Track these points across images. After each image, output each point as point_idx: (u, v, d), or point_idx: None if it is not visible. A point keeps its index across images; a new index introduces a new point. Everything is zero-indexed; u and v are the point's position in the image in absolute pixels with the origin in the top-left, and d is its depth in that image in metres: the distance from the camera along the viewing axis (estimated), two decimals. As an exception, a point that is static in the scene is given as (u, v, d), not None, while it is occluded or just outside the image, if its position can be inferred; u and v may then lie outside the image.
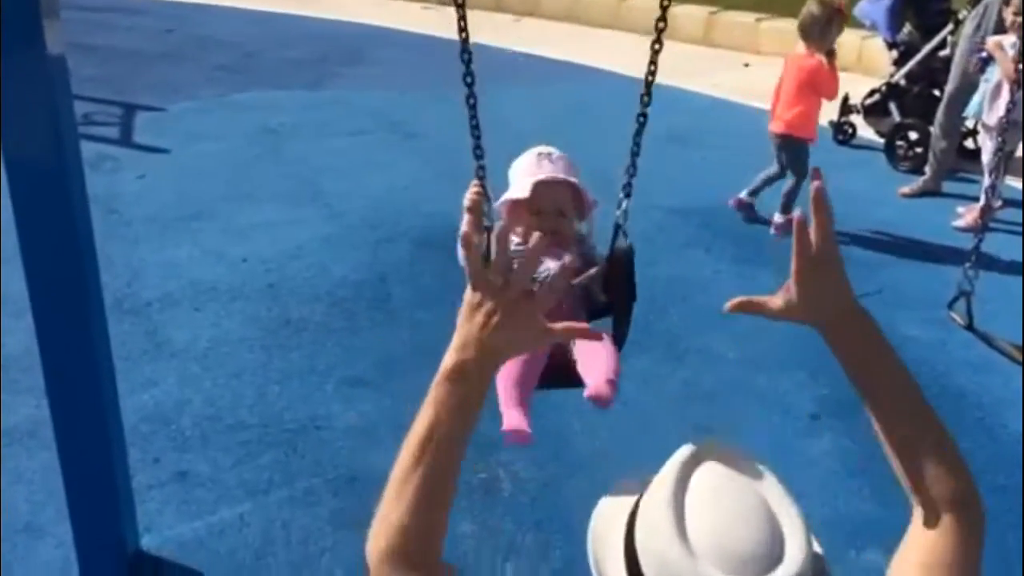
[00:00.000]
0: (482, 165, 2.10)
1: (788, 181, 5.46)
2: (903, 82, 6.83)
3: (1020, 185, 6.26)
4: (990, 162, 4.68)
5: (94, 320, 2.63)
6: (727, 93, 8.25)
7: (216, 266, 4.97)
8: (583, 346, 1.99)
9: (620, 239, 2.09)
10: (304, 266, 5.00)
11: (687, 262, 5.16)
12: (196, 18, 10.75)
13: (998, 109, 5.14)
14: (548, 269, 2.01)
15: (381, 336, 4.34)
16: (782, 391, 4.02)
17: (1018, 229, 5.59)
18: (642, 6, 10.80)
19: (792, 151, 5.43)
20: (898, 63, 6.90)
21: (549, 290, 1.24)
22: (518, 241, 2.04)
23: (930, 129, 6.39)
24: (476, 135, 2.08)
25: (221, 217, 5.59)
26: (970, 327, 3.92)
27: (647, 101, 2.01)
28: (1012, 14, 5.35)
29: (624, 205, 2.09)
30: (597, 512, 1.10)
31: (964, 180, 6.40)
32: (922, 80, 6.77)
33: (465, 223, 2.06)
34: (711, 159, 6.68)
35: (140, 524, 3.01)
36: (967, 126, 6.62)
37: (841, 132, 7.14)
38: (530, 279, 1.14)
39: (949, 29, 6.55)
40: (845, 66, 6.60)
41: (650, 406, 3.76)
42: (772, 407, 3.91)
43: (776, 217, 5.50)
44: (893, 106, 6.87)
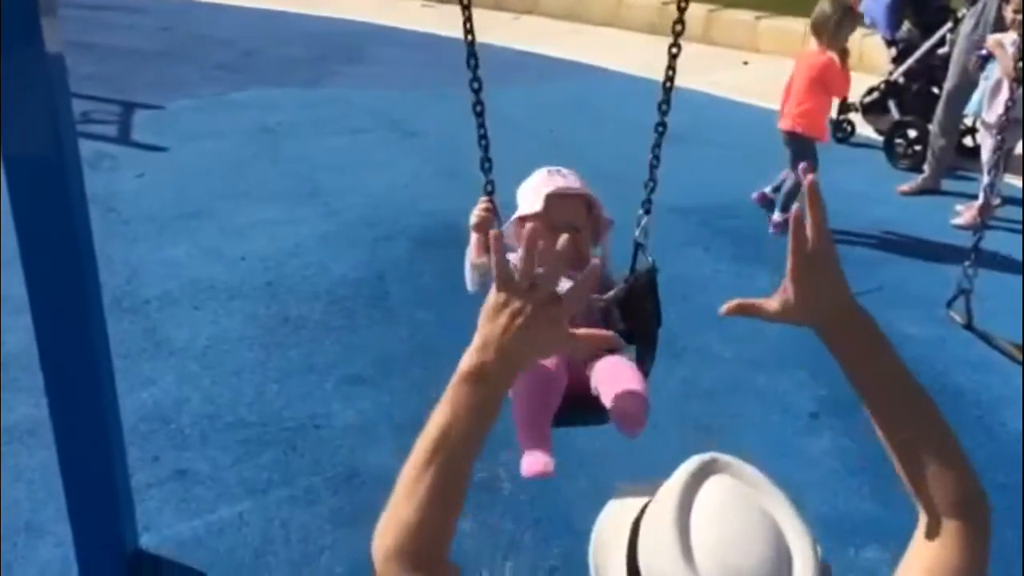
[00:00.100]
0: (491, 180, 1.88)
1: (789, 179, 5.46)
2: (902, 80, 6.84)
3: (1020, 183, 6.26)
4: (989, 160, 4.67)
5: (93, 319, 2.63)
6: (726, 91, 8.25)
7: (215, 264, 4.97)
8: (605, 372, 1.80)
9: (641, 259, 1.92)
10: (303, 264, 4.99)
11: (686, 261, 5.15)
12: (195, 16, 10.74)
13: (998, 107, 5.14)
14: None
15: (380, 334, 4.34)
16: (781, 390, 4.02)
17: (1018, 227, 5.59)
18: (642, 4, 10.81)
19: (799, 149, 5.42)
20: (897, 61, 6.90)
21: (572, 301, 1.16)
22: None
23: (929, 127, 6.40)
24: (484, 145, 1.85)
25: (220, 215, 5.59)
26: (969, 326, 3.92)
27: (666, 109, 1.87)
28: (1012, 12, 5.35)
29: (644, 222, 1.92)
30: (600, 521, 1.07)
31: (963, 178, 6.41)
32: (921, 78, 6.78)
33: (472, 243, 1.89)
34: (710, 157, 6.67)
35: (139, 523, 3.01)
36: (966, 124, 6.63)
37: (840, 130, 7.14)
38: (557, 282, 1.11)
39: (948, 27, 6.55)
40: (844, 64, 6.60)
41: (649, 405, 3.75)
42: (771, 406, 3.91)
43: (775, 216, 5.50)
44: (892, 104, 6.88)
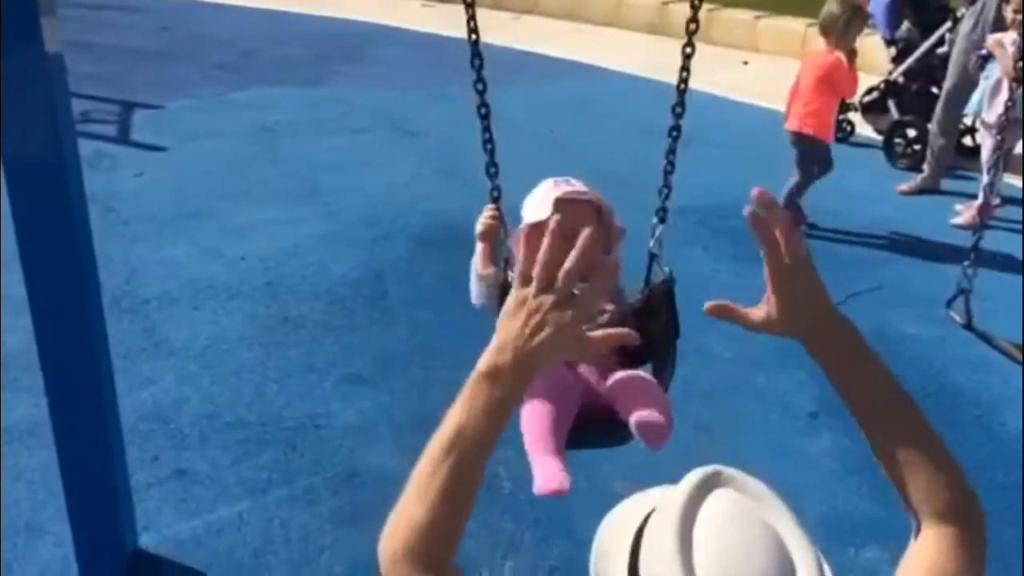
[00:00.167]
0: (497, 186, 1.77)
1: (792, 178, 5.47)
2: (901, 79, 6.83)
3: (1020, 183, 6.27)
4: (989, 160, 4.68)
5: (92, 319, 2.63)
6: (725, 91, 8.24)
7: (214, 264, 4.97)
8: (624, 386, 1.71)
9: (656, 269, 1.85)
10: (302, 264, 4.99)
11: (685, 260, 5.14)
12: (194, 16, 10.73)
13: (997, 107, 5.14)
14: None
15: (379, 334, 4.33)
16: (781, 390, 4.01)
17: (1018, 227, 5.59)
18: (642, 4, 10.81)
19: (807, 149, 5.42)
20: (896, 60, 6.90)
21: (589, 299, 1.12)
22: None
23: (928, 127, 6.40)
24: (490, 149, 1.75)
25: (219, 215, 5.59)
26: (969, 326, 3.93)
27: (680, 112, 1.79)
28: (1012, 12, 5.35)
29: (658, 232, 1.86)
30: (601, 530, 1.06)
31: (962, 177, 6.41)
32: (920, 77, 6.78)
33: (478, 253, 1.78)
34: (709, 157, 6.65)
35: (139, 523, 3.01)
36: (965, 123, 6.63)
37: (839, 129, 7.12)
38: (575, 280, 1.10)
39: (947, 26, 6.55)
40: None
41: (649, 404, 3.75)
42: (771, 406, 3.91)
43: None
44: (891, 103, 6.87)
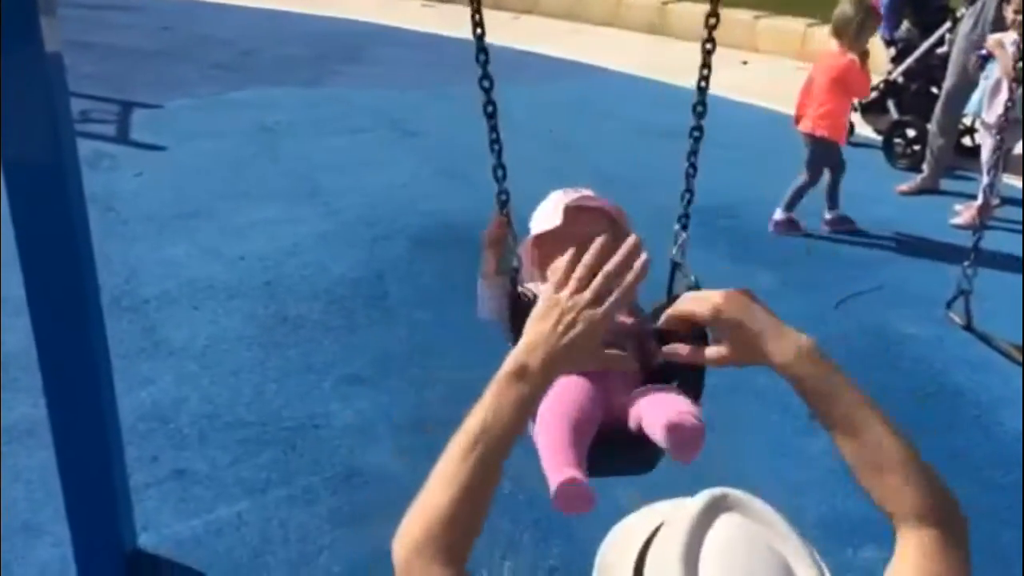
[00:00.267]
0: (505, 190, 1.64)
1: (800, 178, 5.48)
2: (901, 79, 6.83)
3: (1020, 183, 6.27)
4: (989, 160, 4.68)
5: (91, 318, 2.63)
6: (725, 91, 8.22)
7: (213, 264, 4.96)
8: (651, 399, 1.49)
9: (680, 278, 1.74)
10: (301, 264, 4.99)
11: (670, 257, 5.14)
12: (194, 15, 10.73)
13: (997, 107, 5.14)
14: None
15: (378, 334, 4.33)
16: (781, 390, 3.92)
17: (1017, 227, 5.59)
18: (641, 4, 10.81)
19: (821, 152, 5.43)
20: (896, 60, 6.90)
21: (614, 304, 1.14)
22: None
23: (928, 127, 6.40)
24: (497, 150, 1.62)
25: (218, 215, 5.58)
26: (969, 327, 3.92)
27: (702, 111, 1.75)
28: (1012, 12, 5.34)
29: (681, 239, 1.76)
30: (605, 543, 1.04)
31: (962, 178, 6.41)
32: (920, 77, 6.77)
33: (485, 262, 1.64)
34: (709, 157, 6.55)
35: (138, 523, 3.01)
36: (965, 124, 6.63)
37: (839, 130, 7.14)
38: (611, 283, 1.13)
39: (947, 26, 6.55)
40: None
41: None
42: (771, 405, 3.90)
43: (777, 214, 5.50)
44: (891, 103, 6.87)
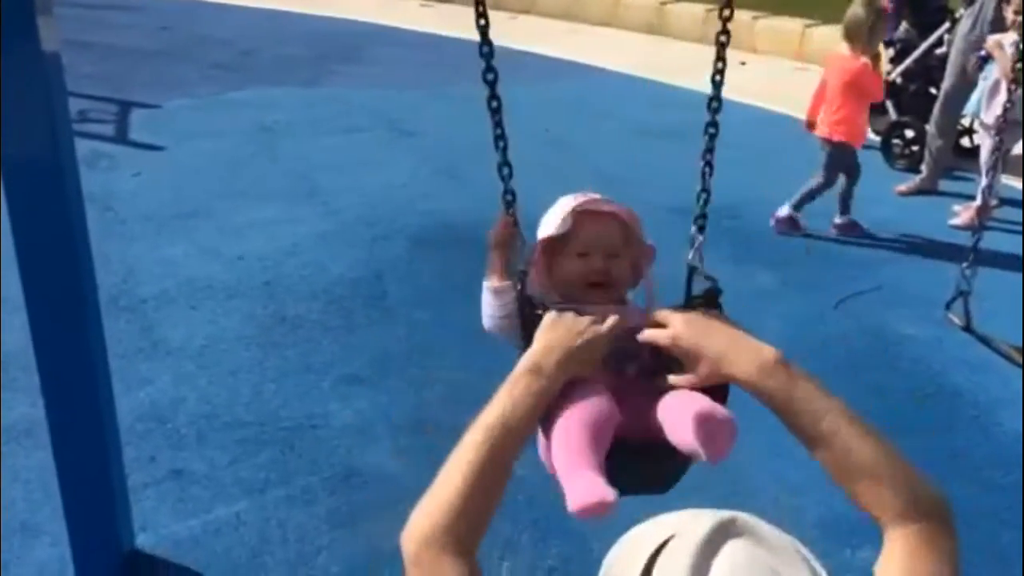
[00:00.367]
0: (511, 190, 1.56)
1: (815, 179, 5.48)
2: (900, 80, 6.84)
3: (1019, 184, 6.27)
4: (987, 161, 4.68)
5: (89, 318, 2.63)
6: (724, 91, 8.24)
7: (212, 264, 4.96)
8: (677, 400, 1.36)
9: (697, 283, 1.70)
10: (300, 264, 4.99)
11: (683, 261, 5.14)
12: (193, 15, 10.73)
13: (996, 108, 5.14)
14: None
15: (377, 334, 4.33)
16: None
17: (1017, 228, 5.60)
18: (639, 4, 10.82)
19: (837, 155, 5.43)
20: (895, 61, 6.91)
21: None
22: (557, 301, 1.50)
23: (926, 127, 6.41)
24: (502, 147, 1.57)
25: (217, 215, 5.58)
26: (968, 328, 3.91)
27: (717, 106, 1.72)
28: (1012, 13, 5.35)
29: (698, 242, 1.73)
30: (611, 555, 1.02)
31: (960, 178, 6.42)
32: (919, 78, 6.78)
33: (492, 267, 1.55)
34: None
35: (136, 523, 3.00)
36: (963, 124, 6.63)
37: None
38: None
39: (946, 27, 6.56)
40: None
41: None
42: (769, 405, 3.91)
43: (780, 210, 5.50)
44: (890, 104, 6.87)
